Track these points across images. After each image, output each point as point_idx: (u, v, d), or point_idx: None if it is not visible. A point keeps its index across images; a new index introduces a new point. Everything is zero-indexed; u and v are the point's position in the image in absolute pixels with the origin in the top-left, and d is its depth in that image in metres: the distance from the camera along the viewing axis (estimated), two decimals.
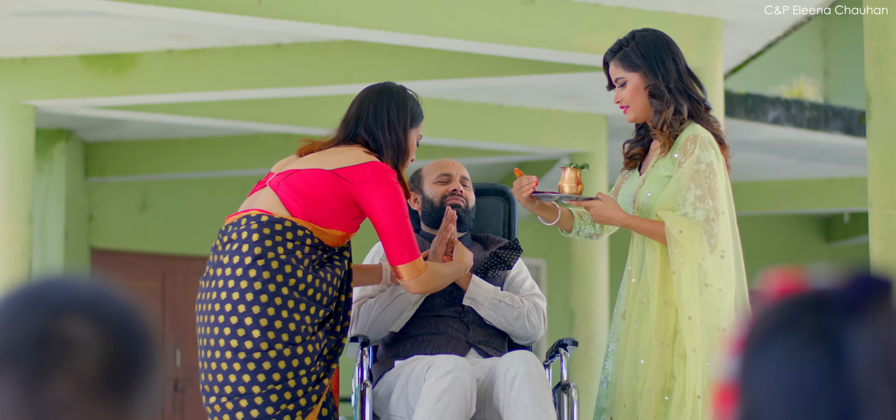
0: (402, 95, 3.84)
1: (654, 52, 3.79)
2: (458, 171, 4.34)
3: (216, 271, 3.63)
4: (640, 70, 3.79)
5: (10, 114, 8.10)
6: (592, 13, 6.95)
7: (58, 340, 1.04)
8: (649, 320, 3.70)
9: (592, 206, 3.79)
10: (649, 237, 3.72)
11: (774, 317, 1.03)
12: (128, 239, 11.41)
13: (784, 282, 1.05)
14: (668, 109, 3.75)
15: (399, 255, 3.75)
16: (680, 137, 3.74)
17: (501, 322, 4.12)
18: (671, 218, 3.67)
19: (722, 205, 3.70)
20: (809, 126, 9.59)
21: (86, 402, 1.04)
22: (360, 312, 4.12)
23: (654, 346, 3.68)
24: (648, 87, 3.78)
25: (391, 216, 3.69)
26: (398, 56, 7.85)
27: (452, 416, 3.67)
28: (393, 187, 3.69)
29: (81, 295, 1.07)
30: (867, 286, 1.01)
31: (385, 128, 3.77)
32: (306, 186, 3.67)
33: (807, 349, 1.01)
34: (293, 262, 3.59)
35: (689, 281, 3.63)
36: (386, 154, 3.76)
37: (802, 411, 0.99)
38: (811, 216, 13.55)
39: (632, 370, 3.73)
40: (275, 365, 3.53)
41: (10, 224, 8.05)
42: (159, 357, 1.10)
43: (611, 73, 3.85)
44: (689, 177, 3.69)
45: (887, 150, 4.70)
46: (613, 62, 3.83)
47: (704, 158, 3.69)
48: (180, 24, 7.36)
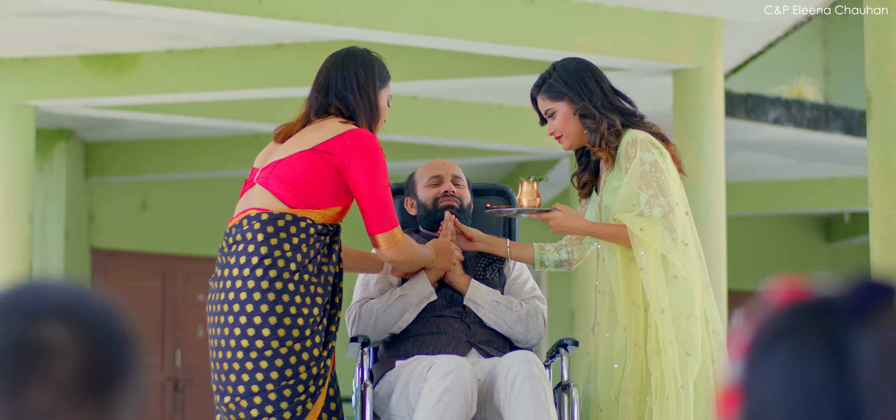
0: (368, 58, 3.84)
1: (577, 78, 3.91)
2: (449, 170, 4.34)
3: (224, 273, 3.65)
4: (566, 97, 3.89)
5: (10, 114, 8.10)
6: (592, 13, 6.95)
7: (34, 347, 1.02)
8: (619, 325, 3.76)
9: (552, 217, 3.84)
10: (613, 241, 3.78)
11: (779, 322, 1.03)
12: (128, 239, 11.41)
13: (788, 288, 1.05)
14: (601, 125, 3.84)
15: (377, 224, 3.71)
16: (621, 146, 3.81)
17: (501, 325, 4.13)
18: (630, 218, 3.73)
19: (674, 199, 3.77)
20: (810, 126, 9.58)
21: (66, 408, 1.02)
22: (361, 313, 4.12)
23: (627, 349, 3.74)
24: (577, 110, 3.87)
25: (370, 184, 3.67)
26: (398, 56, 7.84)
27: (453, 416, 3.67)
28: (373, 154, 3.67)
29: (57, 299, 1.05)
30: (871, 291, 1.01)
31: (355, 92, 3.76)
32: (294, 173, 3.67)
33: (811, 353, 1.00)
34: (299, 257, 3.61)
35: (657, 275, 3.70)
36: (360, 118, 3.75)
37: (806, 415, 0.99)
38: (811, 216, 13.54)
39: (606, 377, 3.79)
40: (286, 361, 3.57)
41: (11, 224, 8.04)
42: (142, 357, 1.08)
43: (540, 108, 3.96)
44: (637, 179, 3.76)
45: (888, 150, 4.70)
46: (540, 97, 3.95)
47: (647, 158, 3.76)
48: (180, 24, 7.35)
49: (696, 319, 3.71)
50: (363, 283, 4.23)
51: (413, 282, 4.14)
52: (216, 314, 3.64)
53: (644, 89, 8.65)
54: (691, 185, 7.04)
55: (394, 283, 4.21)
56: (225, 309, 3.61)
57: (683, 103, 7.14)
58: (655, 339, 3.70)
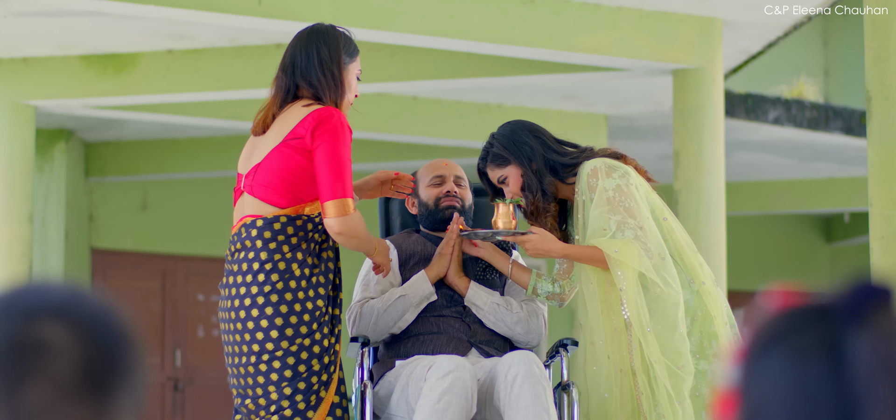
0: (331, 33, 3.80)
1: (514, 140, 3.93)
2: (452, 170, 4.34)
3: (230, 280, 3.72)
4: (511, 162, 3.92)
5: (10, 114, 8.09)
6: (592, 13, 6.95)
7: (32, 346, 1.03)
8: (602, 355, 3.79)
9: (528, 240, 3.85)
10: (588, 263, 3.81)
11: (776, 326, 1.03)
12: (128, 239, 11.40)
13: (785, 293, 1.05)
14: (536, 196, 3.88)
15: (328, 190, 3.63)
16: (581, 181, 3.84)
17: (501, 326, 4.13)
18: (605, 242, 3.76)
19: (643, 218, 3.80)
20: (810, 126, 9.58)
21: (64, 405, 1.03)
22: (362, 312, 4.12)
23: (613, 377, 3.76)
24: (523, 176, 3.91)
25: (326, 153, 3.63)
26: (398, 56, 7.84)
27: (453, 416, 3.67)
28: (334, 127, 3.64)
29: (54, 299, 1.06)
30: (868, 294, 1.01)
31: (318, 69, 3.73)
32: (274, 175, 3.68)
33: (808, 356, 1.01)
34: (300, 255, 3.66)
35: (636, 294, 3.72)
36: (325, 96, 3.72)
37: (803, 418, 0.99)
38: (811, 216, 13.54)
39: (599, 410, 3.81)
40: (298, 357, 3.64)
41: (11, 224, 8.04)
42: (140, 356, 1.09)
43: (491, 178, 3.98)
44: (604, 206, 3.78)
45: (887, 150, 4.70)
46: (488, 168, 3.98)
47: (610, 185, 3.79)
48: (180, 24, 7.35)
49: (680, 334, 3.72)
50: (363, 283, 4.23)
51: (413, 282, 4.14)
52: (227, 321, 3.73)
53: (644, 89, 8.66)
54: (691, 185, 7.04)
55: (394, 283, 4.21)
56: (233, 316, 3.69)
57: (683, 103, 7.14)
58: (640, 358, 3.72)
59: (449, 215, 4.24)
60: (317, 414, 3.67)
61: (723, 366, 3.54)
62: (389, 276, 4.19)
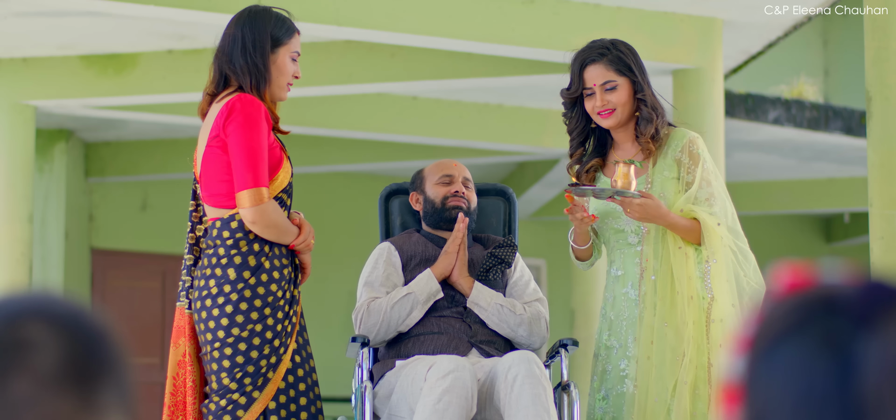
0: (260, 17, 3.71)
1: (638, 61, 3.84)
2: (461, 172, 4.35)
3: (200, 283, 3.74)
4: (630, 76, 3.80)
5: (10, 114, 8.10)
6: (593, 13, 6.95)
7: (14, 343, 1.08)
8: (678, 317, 3.69)
9: (641, 204, 3.66)
10: (685, 236, 3.72)
11: (783, 319, 1.02)
12: (128, 239, 11.41)
13: (793, 277, 1.04)
14: (658, 119, 3.80)
15: (242, 180, 3.57)
16: (680, 141, 3.80)
17: (504, 328, 4.13)
18: (706, 216, 3.71)
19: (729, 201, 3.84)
20: (810, 126, 9.58)
21: (48, 397, 1.07)
22: (371, 309, 4.10)
23: (685, 342, 3.66)
24: (639, 95, 3.80)
25: (238, 140, 3.56)
26: (398, 56, 7.84)
27: (453, 416, 3.67)
28: (246, 114, 3.57)
29: (35, 303, 1.12)
30: (878, 295, 1.00)
31: (239, 55, 3.66)
32: (213, 179, 3.69)
33: (816, 357, 1.00)
34: (256, 248, 3.67)
35: (727, 271, 3.68)
36: (244, 82, 3.65)
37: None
38: (811, 216, 13.55)
39: (660, 367, 3.68)
40: (250, 343, 3.63)
41: (11, 224, 8.04)
42: (122, 352, 1.14)
43: (596, 76, 3.79)
44: (706, 178, 3.76)
45: (887, 150, 4.70)
46: (603, 64, 3.79)
47: (708, 159, 3.80)
48: (180, 24, 7.36)
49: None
50: (368, 286, 4.22)
51: (419, 280, 4.14)
52: (198, 321, 3.75)
53: None
54: None
55: (398, 283, 4.21)
56: (197, 310, 3.71)
57: (683, 103, 7.14)
58: (720, 334, 3.65)
59: (455, 215, 4.24)
60: (261, 394, 3.62)
61: (728, 357, 3.54)
62: (393, 277, 4.19)
